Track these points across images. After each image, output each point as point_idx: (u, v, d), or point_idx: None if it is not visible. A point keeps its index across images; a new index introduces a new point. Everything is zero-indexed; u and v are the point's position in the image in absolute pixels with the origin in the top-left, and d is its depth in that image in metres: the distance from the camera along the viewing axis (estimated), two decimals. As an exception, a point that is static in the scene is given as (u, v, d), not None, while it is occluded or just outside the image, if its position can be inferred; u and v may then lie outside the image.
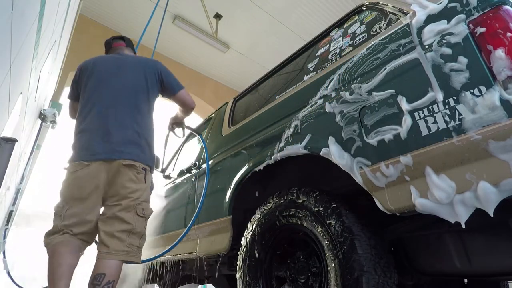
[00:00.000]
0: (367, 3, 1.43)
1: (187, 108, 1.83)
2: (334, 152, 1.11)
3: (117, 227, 1.35)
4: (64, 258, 1.29)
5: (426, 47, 0.95)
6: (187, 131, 2.17)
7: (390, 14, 1.23)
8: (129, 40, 1.88)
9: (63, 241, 1.34)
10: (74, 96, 1.64)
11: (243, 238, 1.48)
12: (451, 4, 0.94)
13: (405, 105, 0.94)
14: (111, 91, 1.52)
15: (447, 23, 0.92)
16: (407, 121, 0.93)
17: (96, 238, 1.43)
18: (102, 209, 1.45)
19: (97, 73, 1.58)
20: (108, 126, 1.44)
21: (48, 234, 1.39)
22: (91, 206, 1.40)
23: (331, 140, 1.14)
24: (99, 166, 1.39)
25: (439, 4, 0.99)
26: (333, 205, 1.14)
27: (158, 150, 2.72)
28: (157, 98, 1.67)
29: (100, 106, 1.49)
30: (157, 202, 2.58)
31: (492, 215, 0.75)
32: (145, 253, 2.60)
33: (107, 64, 1.62)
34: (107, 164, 1.40)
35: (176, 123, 2.03)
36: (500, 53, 0.79)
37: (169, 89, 1.68)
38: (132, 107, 1.52)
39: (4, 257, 3.22)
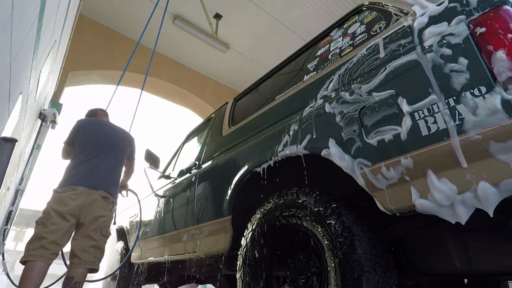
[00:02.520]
0: (367, 3, 1.43)
1: (131, 173, 2.55)
2: (334, 153, 1.11)
3: (88, 243, 1.84)
4: None
5: (426, 47, 0.95)
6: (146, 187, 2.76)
7: (390, 14, 1.23)
8: (106, 112, 2.53)
9: None
10: (72, 144, 2.15)
11: (243, 238, 1.48)
12: (452, 5, 0.94)
13: (405, 106, 0.94)
14: (105, 147, 2.11)
15: (448, 24, 0.92)
16: (407, 121, 0.93)
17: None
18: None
19: (94, 131, 2.17)
20: (99, 168, 2.01)
21: None
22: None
23: (332, 141, 1.14)
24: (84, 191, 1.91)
25: (439, 4, 0.99)
26: (333, 205, 1.14)
27: (158, 151, 2.74)
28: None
29: (95, 155, 2.05)
30: (157, 202, 2.58)
31: (492, 215, 0.75)
32: (146, 253, 2.60)
33: (103, 127, 2.25)
34: (90, 190, 1.91)
35: (123, 187, 2.61)
36: (500, 53, 0.78)
37: (130, 158, 2.39)
38: (115, 160, 2.15)
39: (3, 259, 3.21)
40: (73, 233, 1.89)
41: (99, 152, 2.07)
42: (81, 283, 1.76)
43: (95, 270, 1.87)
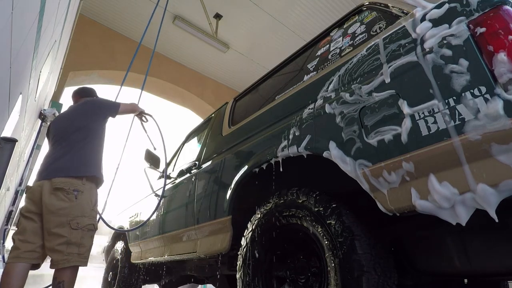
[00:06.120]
0: (367, 3, 1.43)
1: (129, 111, 2.25)
2: (335, 155, 1.10)
3: (56, 242, 1.66)
4: None
5: (427, 49, 0.95)
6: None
7: (391, 14, 1.23)
8: (84, 91, 2.23)
9: None
10: None
11: (243, 238, 1.48)
12: (452, 5, 0.94)
13: (405, 107, 0.94)
14: (59, 136, 1.93)
15: (449, 25, 0.92)
16: (407, 121, 0.92)
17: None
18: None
19: (51, 128, 2.02)
20: (49, 157, 1.86)
21: None
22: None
23: (332, 142, 1.14)
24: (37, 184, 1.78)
25: (439, 6, 0.98)
26: (333, 205, 1.14)
27: (158, 151, 2.74)
28: (97, 124, 1.98)
29: (49, 149, 1.95)
30: (157, 202, 2.58)
31: (493, 216, 0.75)
32: (146, 253, 2.60)
33: (61, 116, 2.07)
34: (40, 182, 1.76)
35: (137, 115, 2.41)
36: (500, 54, 0.78)
37: (109, 114, 2.05)
38: (66, 144, 1.86)
39: (4, 261, 3.21)
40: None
41: (53, 144, 1.92)
42: (65, 282, 1.65)
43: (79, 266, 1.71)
